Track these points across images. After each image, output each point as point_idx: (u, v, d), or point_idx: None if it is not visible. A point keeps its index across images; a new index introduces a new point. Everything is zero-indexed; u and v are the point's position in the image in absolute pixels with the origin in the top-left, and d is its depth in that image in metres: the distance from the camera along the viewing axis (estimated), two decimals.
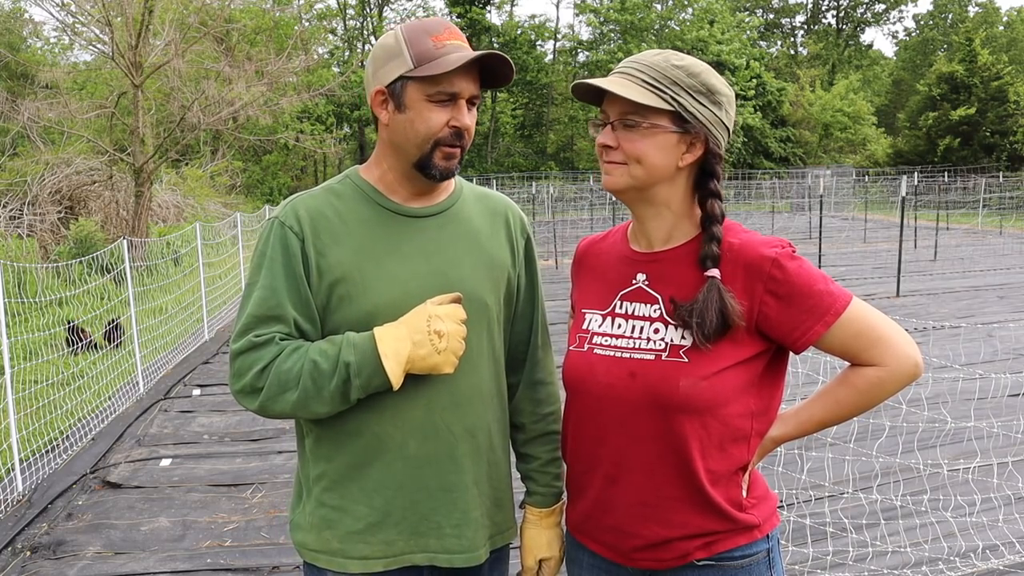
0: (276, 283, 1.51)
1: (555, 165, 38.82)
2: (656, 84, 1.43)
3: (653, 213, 1.52)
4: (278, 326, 1.51)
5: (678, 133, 1.45)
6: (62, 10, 15.49)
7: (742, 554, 1.49)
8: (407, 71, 1.49)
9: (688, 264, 1.49)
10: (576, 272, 1.71)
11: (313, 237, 1.53)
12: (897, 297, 10.77)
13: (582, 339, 1.57)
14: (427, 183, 1.58)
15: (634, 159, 1.46)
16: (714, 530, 1.47)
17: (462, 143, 1.54)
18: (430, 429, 1.56)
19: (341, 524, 1.57)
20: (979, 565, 3.59)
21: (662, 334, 1.46)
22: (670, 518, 1.47)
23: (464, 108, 1.52)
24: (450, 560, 1.61)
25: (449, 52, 1.48)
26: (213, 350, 8.49)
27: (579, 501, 1.59)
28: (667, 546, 1.48)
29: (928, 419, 5.13)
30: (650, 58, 1.46)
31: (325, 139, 21.47)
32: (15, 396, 4.93)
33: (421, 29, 1.51)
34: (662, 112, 1.44)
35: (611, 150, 1.48)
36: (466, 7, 37.30)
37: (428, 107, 1.50)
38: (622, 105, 1.45)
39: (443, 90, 1.49)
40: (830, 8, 54.49)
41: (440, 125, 1.51)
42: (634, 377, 1.46)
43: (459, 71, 1.48)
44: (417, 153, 1.53)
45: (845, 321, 1.44)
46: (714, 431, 1.44)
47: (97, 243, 12.26)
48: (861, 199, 27.63)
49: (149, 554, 3.90)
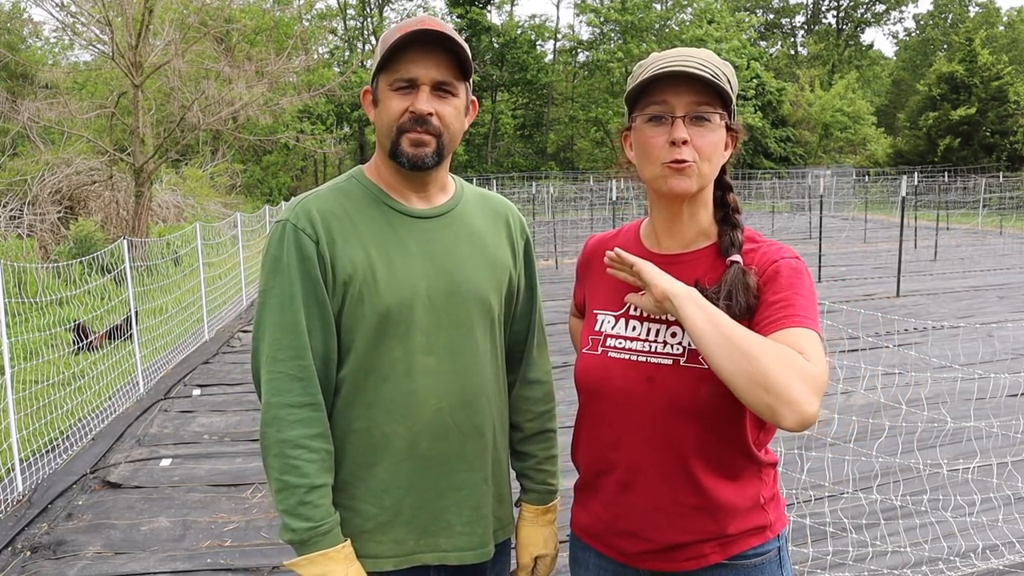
0: (293, 290, 1.51)
1: (555, 165, 38.82)
2: (719, 77, 1.40)
3: (690, 214, 1.48)
4: (303, 361, 1.51)
5: (727, 129, 1.44)
6: (62, 10, 15.48)
7: (755, 553, 1.48)
8: (377, 65, 1.53)
9: (706, 269, 1.46)
10: (584, 271, 1.69)
11: (327, 238, 1.53)
12: (897, 297, 10.77)
13: (595, 341, 1.54)
14: (410, 175, 1.57)
15: (706, 157, 1.40)
16: (729, 533, 1.46)
17: (428, 129, 1.52)
18: (440, 428, 1.57)
19: (351, 523, 1.57)
20: (979, 565, 3.59)
21: (679, 338, 1.44)
22: (686, 524, 1.45)
23: (423, 94, 1.50)
24: (461, 558, 1.62)
25: (406, 39, 1.48)
26: (213, 350, 8.49)
27: (590, 504, 1.58)
28: (682, 550, 1.47)
29: (928, 419, 5.13)
30: (697, 52, 1.42)
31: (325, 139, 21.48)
32: (15, 396, 4.93)
33: (396, 27, 1.53)
34: (722, 106, 1.41)
35: (684, 148, 1.38)
36: (466, 7, 37.28)
37: (390, 96, 1.52)
38: (694, 95, 1.38)
39: (401, 77, 1.50)
40: (830, 8, 54.51)
41: (399, 112, 1.51)
42: (652, 382, 1.44)
43: (416, 57, 1.49)
44: (388, 143, 1.55)
45: (794, 333, 1.32)
46: (732, 437, 1.43)
47: (97, 243, 12.26)
48: (861, 199, 27.63)
49: (149, 554, 3.90)
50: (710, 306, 1.33)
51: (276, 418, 1.49)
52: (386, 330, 1.53)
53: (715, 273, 1.45)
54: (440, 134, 1.53)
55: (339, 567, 1.49)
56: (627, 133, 1.51)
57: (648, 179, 1.45)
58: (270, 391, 1.50)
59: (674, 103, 1.39)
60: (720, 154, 1.44)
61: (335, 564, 1.49)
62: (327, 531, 1.50)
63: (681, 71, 1.36)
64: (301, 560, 1.49)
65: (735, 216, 1.48)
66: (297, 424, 1.49)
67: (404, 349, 1.54)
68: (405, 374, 1.54)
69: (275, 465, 1.50)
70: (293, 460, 1.48)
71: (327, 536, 1.50)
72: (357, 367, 1.55)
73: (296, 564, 1.50)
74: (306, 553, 1.49)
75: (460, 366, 1.58)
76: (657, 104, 1.41)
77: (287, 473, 1.48)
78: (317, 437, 1.51)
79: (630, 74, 1.51)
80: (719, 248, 1.47)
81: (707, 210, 1.50)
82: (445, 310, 1.57)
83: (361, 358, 1.54)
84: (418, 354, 1.55)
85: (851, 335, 7.69)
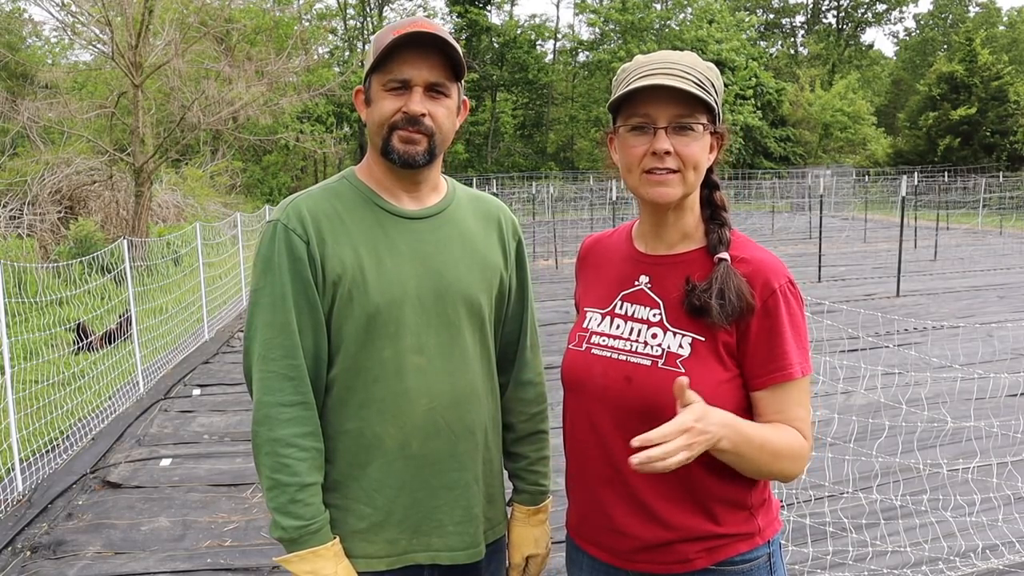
0: (285, 289, 1.52)
1: (555, 165, 38.81)
2: (703, 84, 1.40)
3: (676, 218, 1.49)
4: (294, 361, 1.52)
5: (711, 133, 1.45)
6: (62, 10, 15.49)
7: (743, 559, 1.48)
8: (370, 66, 1.55)
9: (692, 270, 1.47)
10: (580, 269, 1.71)
11: (317, 238, 1.54)
12: (897, 297, 10.77)
13: (581, 338, 1.56)
14: (402, 173, 1.59)
15: (691, 165, 1.41)
16: (716, 534, 1.46)
17: (421, 129, 1.54)
18: (431, 428, 1.58)
19: (344, 524, 1.58)
20: (979, 565, 3.59)
21: (660, 340, 1.45)
22: (669, 520, 1.46)
23: (416, 95, 1.52)
24: (452, 558, 1.63)
25: (400, 41, 1.50)
26: (213, 350, 8.49)
27: (577, 502, 1.59)
28: (667, 548, 1.47)
29: (928, 419, 5.13)
30: (682, 57, 1.43)
31: (325, 139, 21.43)
32: (15, 396, 4.93)
33: (389, 27, 1.55)
34: (706, 113, 1.42)
35: (667, 157, 1.39)
36: (466, 7, 37.29)
37: (383, 96, 1.54)
38: (676, 107, 1.39)
39: (394, 78, 1.52)
40: (830, 8, 54.50)
41: (392, 111, 1.53)
42: (629, 382, 1.45)
43: (410, 58, 1.50)
44: (379, 141, 1.56)
45: (789, 393, 1.42)
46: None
47: (97, 243, 12.25)
48: (861, 199, 27.62)
49: (149, 554, 3.90)
50: (743, 425, 1.36)
51: (267, 417, 1.51)
52: (376, 330, 1.54)
53: (704, 273, 1.46)
54: (432, 134, 1.55)
55: (328, 564, 1.51)
56: (612, 136, 1.52)
57: (631, 187, 1.47)
58: (261, 390, 1.52)
59: (656, 114, 1.40)
60: (705, 160, 1.45)
61: (324, 561, 1.51)
62: (317, 529, 1.52)
63: (662, 84, 1.36)
64: (291, 557, 1.52)
65: (722, 214, 1.49)
66: (288, 423, 1.51)
67: (394, 349, 1.55)
68: (396, 374, 1.55)
69: (266, 463, 1.51)
70: (284, 459, 1.50)
71: (317, 534, 1.52)
72: (348, 367, 1.56)
73: (286, 560, 1.52)
74: (296, 550, 1.51)
75: (451, 366, 1.59)
76: (639, 116, 1.41)
77: (278, 471, 1.50)
78: (308, 436, 1.52)
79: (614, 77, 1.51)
80: (707, 248, 1.48)
81: (693, 212, 1.51)
82: (435, 310, 1.58)
83: (351, 358, 1.55)
84: (408, 354, 1.56)
85: (851, 335, 7.69)
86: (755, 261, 1.45)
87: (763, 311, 1.41)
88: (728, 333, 1.42)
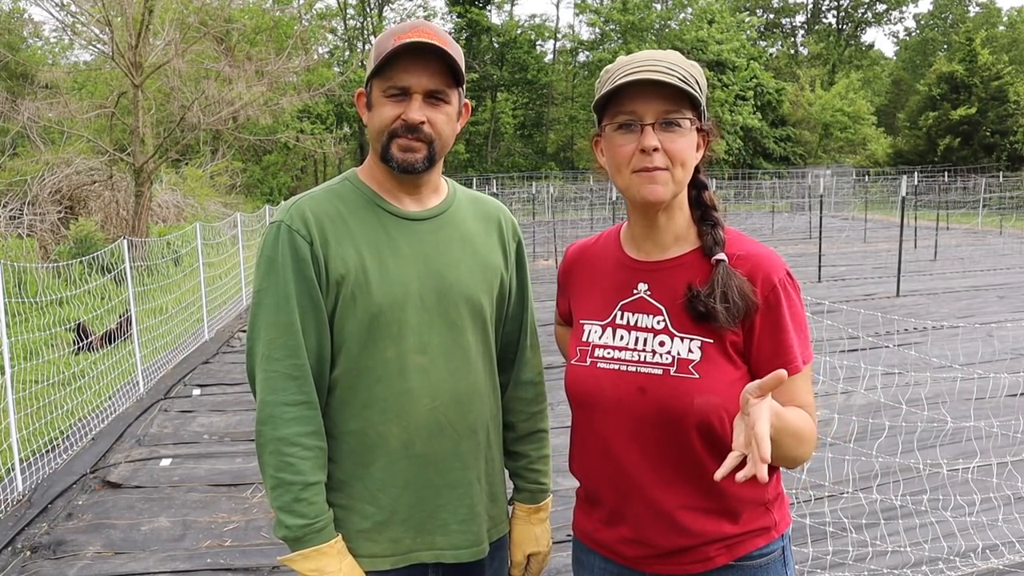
0: (288, 290, 1.53)
1: (555, 165, 38.80)
2: (687, 81, 1.39)
3: (667, 219, 1.48)
4: (297, 360, 1.53)
5: (698, 131, 1.44)
6: (62, 10, 15.48)
7: (760, 554, 1.48)
8: (371, 71, 1.55)
9: (691, 274, 1.46)
10: (567, 280, 1.67)
11: (320, 239, 1.55)
12: (897, 297, 10.77)
13: (584, 352, 1.53)
14: (402, 177, 1.60)
15: (679, 162, 1.40)
16: (734, 534, 1.46)
17: (420, 137, 1.54)
18: (435, 427, 1.59)
19: (348, 523, 1.59)
20: (979, 565, 3.59)
21: (668, 347, 1.44)
22: (689, 527, 1.45)
23: (416, 102, 1.53)
24: (456, 556, 1.64)
25: (400, 50, 1.50)
26: (213, 350, 8.49)
27: (592, 511, 1.57)
28: (687, 553, 1.47)
29: (928, 419, 5.13)
30: (665, 55, 1.42)
31: (325, 139, 21.45)
32: (15, 396, 4.93)
33: (391, 31, 1.55)
34: (692, 109, 1.41)
35: (655, 155, 1.38)
36: (466, 7, 37.28)
37: (383, 102, 1.55)
38: (662, 103, 1.38)
39: (394, 84, 1.53)
40: (831, 8, 54.51)
41: (391, 118, 1.54)
42: (644, 392, 1.43)
43: (410, 66, 1.51)
44: (379, 147, 1.58)
45: (796, 386, 1.44)
46: (729, 440, 1.42)
47: (97, 243, 12.25)
48: (861, 199, 27.62)
49: (149, 554, 3.90)
50: (782, 411, 1.31)
51: (271, 416, 1.52)
52: (378, 330, 1.55)
53: (703, 276, 1.44)
54: (431, 141, 1.56)
55: (332, 561, 1.52)
56: (598, 139, 1.50)
57: (621, 188, 1.44)
58: (265, 389, 1.53)
59: (642, 111, 1.38)
60: (693, 157, 1.44)
61: (328, 559, 1.52)
62: (321, 528, 1.52)
63: (647, 79, 1.35)
64: (295, 556, 1.52)
65: (713, 214, 1.48)
66: (292, 422, 1.51)
67: (397, 349, 1.56)
68: (399, 374, 1.56)
69: (270, 463, 1.52)
70: (288, 458, 1.51)
71: (321, 533, 1.52)
72: (350, 367, 1.57)
73: (290, 559, 1.53)
74: (300, 549, 1.52)
75: (453, 366, 1.60)
76: (625, 113, 1.40)
77: (282, 471, 1.51)
78: (311, 435, 1.53)
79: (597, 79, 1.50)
80: (702, 249, 1.47)
81: (683, 213, 1.49)
82: (437, 311, 1.59)
83: (354, 358, 1.56)
84: (411, 354, 1.56)
85: (851, 335, 7.69)
86: (753, 257, 1.44)
87: (765, 306, 1.41)
88: (735, 333, 1.41)
